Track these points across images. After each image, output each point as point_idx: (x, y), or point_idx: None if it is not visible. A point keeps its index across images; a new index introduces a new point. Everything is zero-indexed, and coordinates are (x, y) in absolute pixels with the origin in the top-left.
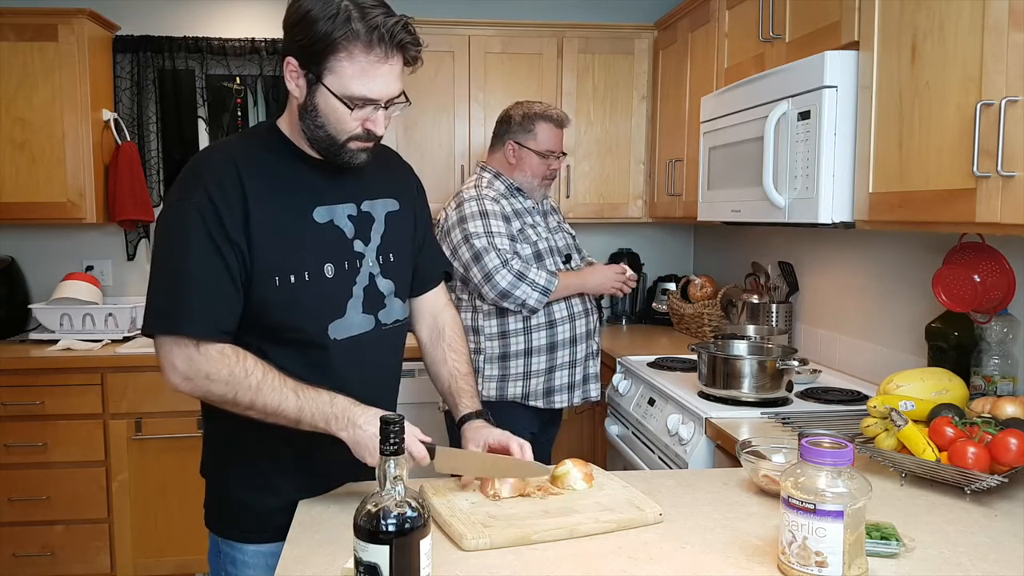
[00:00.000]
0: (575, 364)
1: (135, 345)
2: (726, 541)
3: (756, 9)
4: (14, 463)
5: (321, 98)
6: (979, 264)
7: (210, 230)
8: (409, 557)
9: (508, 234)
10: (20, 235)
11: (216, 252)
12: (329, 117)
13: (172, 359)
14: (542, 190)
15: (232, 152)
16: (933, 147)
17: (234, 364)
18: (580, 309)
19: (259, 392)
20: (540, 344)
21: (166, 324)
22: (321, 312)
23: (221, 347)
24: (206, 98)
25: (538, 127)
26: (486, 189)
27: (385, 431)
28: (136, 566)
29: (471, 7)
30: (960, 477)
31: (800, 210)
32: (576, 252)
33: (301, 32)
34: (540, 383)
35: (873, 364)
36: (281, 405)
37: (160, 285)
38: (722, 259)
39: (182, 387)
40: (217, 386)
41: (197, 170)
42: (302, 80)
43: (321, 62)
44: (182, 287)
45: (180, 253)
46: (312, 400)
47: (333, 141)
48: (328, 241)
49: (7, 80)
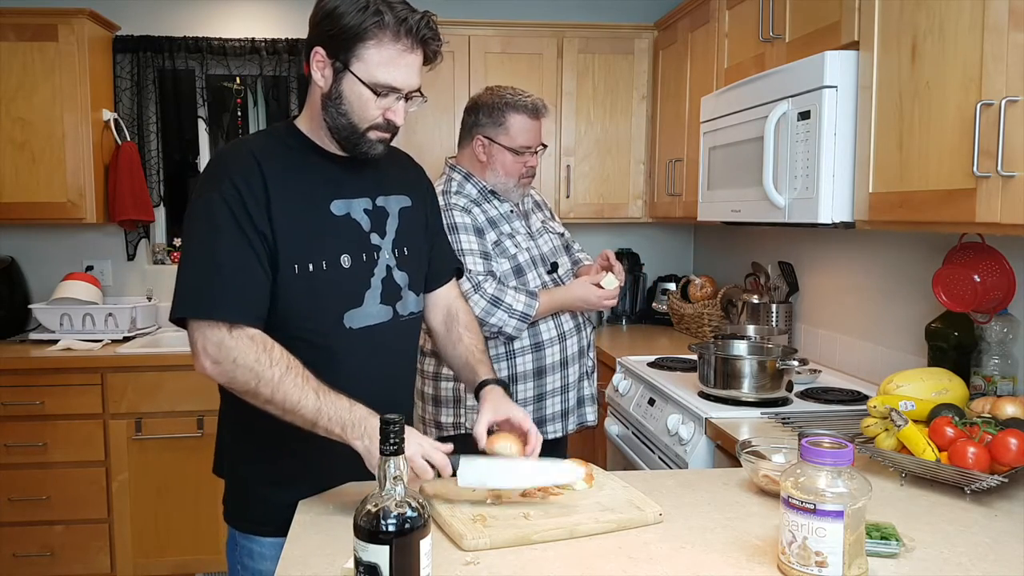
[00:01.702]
0: (567, 389)
1: (135, 345)
2: (726, 541)
3: (756, 9)
4: (14, 463)
5: (347, 85)
6: (979, 264)
7: (238, 218)
8: (409, 557)
9: (481, 250)
10: (20, 235)
11: (245, 239)
12: (353, 104)
13: (204, 343)
14: (519, 190)
15: (252, 147)
16: (933, 147)
17: (260, 352)
18: (571, 326)
19: (280, 385)
20: (526, 370)
21: (200, 308)
22: (337, 301)
23: (252, 333)
24: (206, 98)
25: (510, 119)
26: (455, 196)
27: (385, 431)
28: (136, 566)
29: (471, 7)
30: (960, 477)
31: (800, 210)
32: (565, 253)
33: (331, 23)
34: (530, 413)
35: (873, 364)
36: (300, 403)
37: (192, 272)
38: (722, 259)
39: (210, 371)
40: (242, 372)
41: (221, 164)
42: (328, 69)
43: (350, 50)
44: (215, 273)
45: (211, 241)
46: (332, 404)
47: (354, 129)
48: (345, 233)
49: (7, 80)
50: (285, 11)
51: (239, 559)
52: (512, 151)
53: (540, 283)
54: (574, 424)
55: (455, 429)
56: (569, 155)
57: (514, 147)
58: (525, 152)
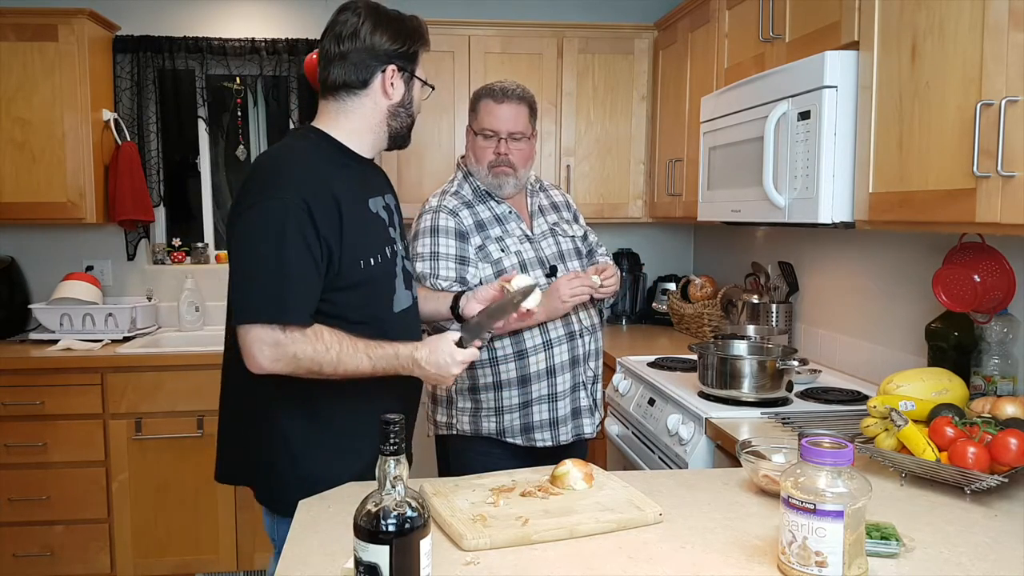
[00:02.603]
0: (556, 398)
1: (135, 345)
2: (726, 541)
3: (756, 9)
4: (14, 463)
5: (415, 88)
6: (979, 264)
7: (301, 226)
8: (409, 557)
9: (458, 255)
10: (20, 235)
11: (306, 248)
12: (416, 102)
13: (262, 345)
14: (494, 180)
15: (311, 155)
16: (933, 147)
17: (316, 342)
18: (560, 334)
19: (339, 363)
20: (510, 377)
21: (267, 314)
22: (387, 288)
23: (303, 329)
24: (206, 98)
25: (480, 105)
26: (450, 197)
27: (385, 431)
28: (136, 566)
29: (471, 7)
30: (960, 477)
31: (800, 210)
32: (585, 257)
33: (401, 41)
34: (515, 419)
35: (873, 364)
36: (359, 368)
37: (258, 279)
38: (722, 259)
39: (271, 368)
40: (304, 363)
41: (276, 172)
42: (399, 81)
43: (415, 59)
44: (280, 280)
45: (276, 248)
46: (381, 358)
47: (412, 122)
48: (379, 228)
49: (7, 80)
50: (285, 11)
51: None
52: (480, 135)
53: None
54: (569, 435)
55: (447, 429)
56: (569, 155)
57: (478, 130)
58: (492, 137)
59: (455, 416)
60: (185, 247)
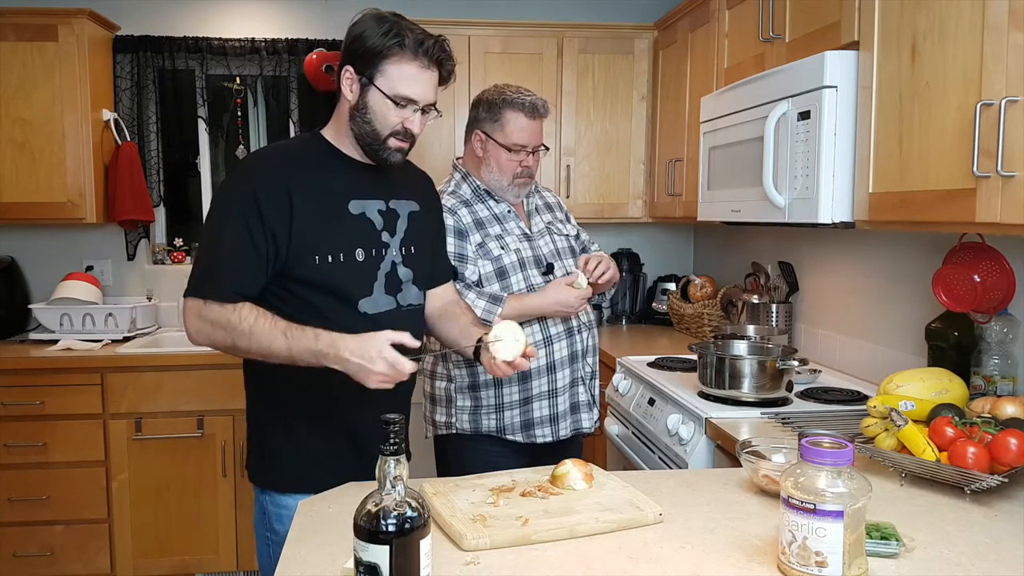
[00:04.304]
0: (556, 394)
1: (135, 345)
2: (726, 541)
3: (756, 9)
4: (14, 463)
5: (372, 97)
6: (979, 264)
7: (247, 214)
8: (409, 557)
9: (457, 253)
10: (20, 235)
11: (247, 231)
12: (376, 113)
13: (189, 315)
14: (515, 190)
15: (281, 149)
16: (933, 147)
17: (231, 312)
18: (560, 330)
19: (252, 336)
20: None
21: (197, 289)
22: (352, 289)
23: (223, 304)
24: (206, 98)
25: (506, 116)
26: (448, 197)
27: (385, 431)
28: (136, 566)
29: (471, 7)
30: (960, 477)
31: (800, 210)
32: (571, 255)
33: (359, 43)
34: (516, 415)
35: (873, 364)
36: (272, 346)
37: (200, 258)
38: (722, 259)
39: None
40: (218, 333)
41: (247, 163)
42: (356, 84)
43: (375, 66)
44: (214, 259)
45: (217, 231)
46: (298, 340)
47: (377, 136)
48: (360, 230)
49: (7, 80)
50: (285, 11)
51: (269, 525)
52: (506, 148)
53: (528, 285)
54: (568, 430)
55: (447, 428)
56: (569, 155)
57: (508, 144)
58: (520, 151)
59: (455, 415)
60: (185, 247)
